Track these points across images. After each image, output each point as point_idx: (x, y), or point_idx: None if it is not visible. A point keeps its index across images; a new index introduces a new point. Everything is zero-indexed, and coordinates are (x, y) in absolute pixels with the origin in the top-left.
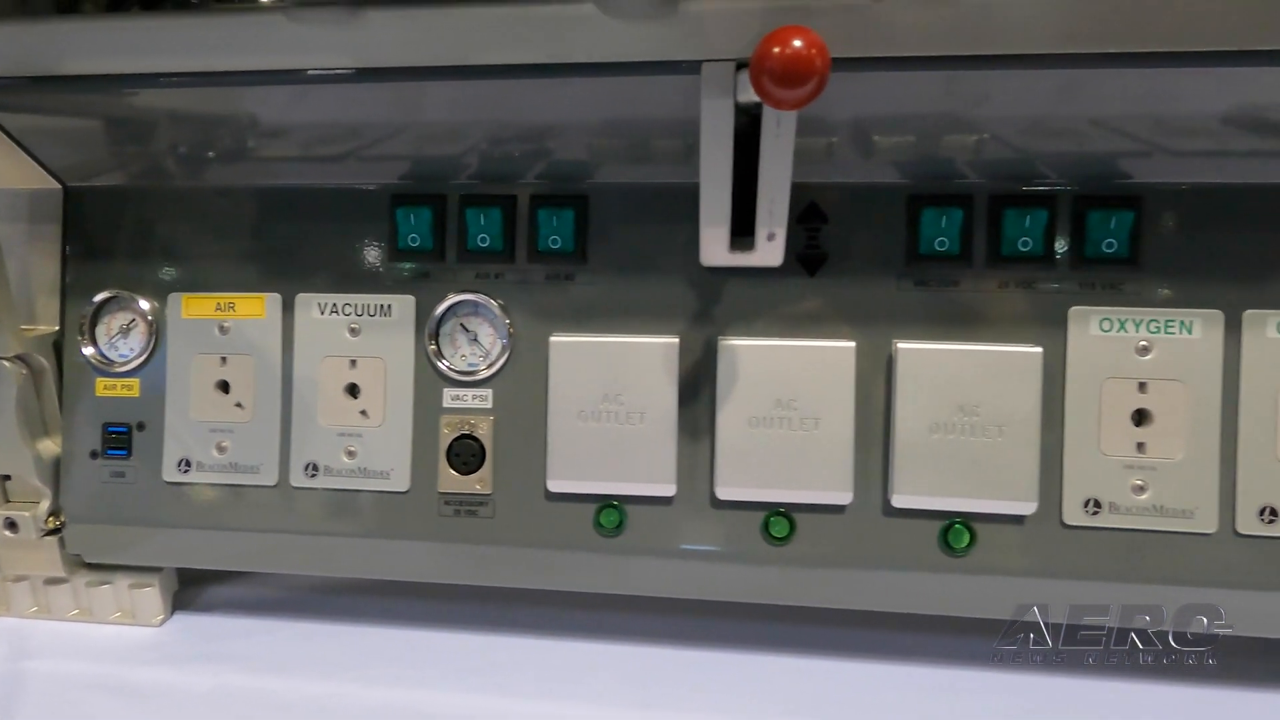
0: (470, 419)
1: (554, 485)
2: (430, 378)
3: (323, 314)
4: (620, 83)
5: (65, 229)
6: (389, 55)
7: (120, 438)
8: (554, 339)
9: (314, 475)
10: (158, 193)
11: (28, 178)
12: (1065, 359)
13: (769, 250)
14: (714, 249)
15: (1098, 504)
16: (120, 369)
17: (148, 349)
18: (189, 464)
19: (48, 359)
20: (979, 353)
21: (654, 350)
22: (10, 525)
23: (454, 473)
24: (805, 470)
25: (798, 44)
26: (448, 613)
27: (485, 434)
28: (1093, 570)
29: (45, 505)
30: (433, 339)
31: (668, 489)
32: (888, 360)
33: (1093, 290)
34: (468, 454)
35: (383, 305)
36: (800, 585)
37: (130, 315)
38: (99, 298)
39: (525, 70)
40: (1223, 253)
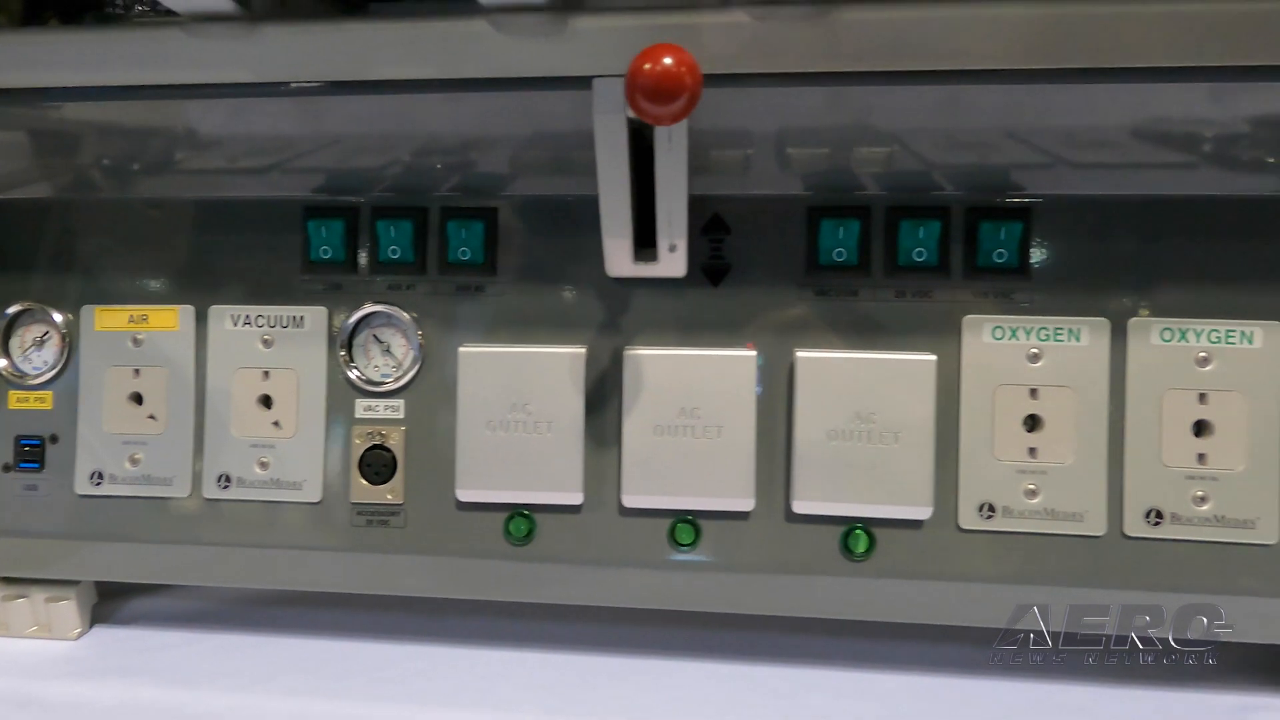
0: (382, 429)
1: (463, 495)
2: (342, 389)
3: (235, 326)
4: (518, 97)
5: None
6: (286, 70)
7: (33, 450)
8: (462, 349)
9: (227, 487)
10: (71, 205)
11: None
12: (960, 367)
13: (672, 261)
14: (618, 260)
15: (993, 508)
16: (33, 381)
17: (61, 361)
18: (101, 476)
19: None
20: (875, 361)
21: (560, 360)
22: None
23: (365, 483)
24: (709, 478)
25: (668, 61)
26: (368, 623)
27: (397, 444)
28: (989, 573)
29: None
30: (345, 350)
31: (575, 497)
32: (789, 369)
33: (985, 299)
34: (379, 464)
35: (295, 317)
36: (706, 591)
37: (44, 328)
38: (12, 310)
39: (421, 85)
40: (1109, 262)
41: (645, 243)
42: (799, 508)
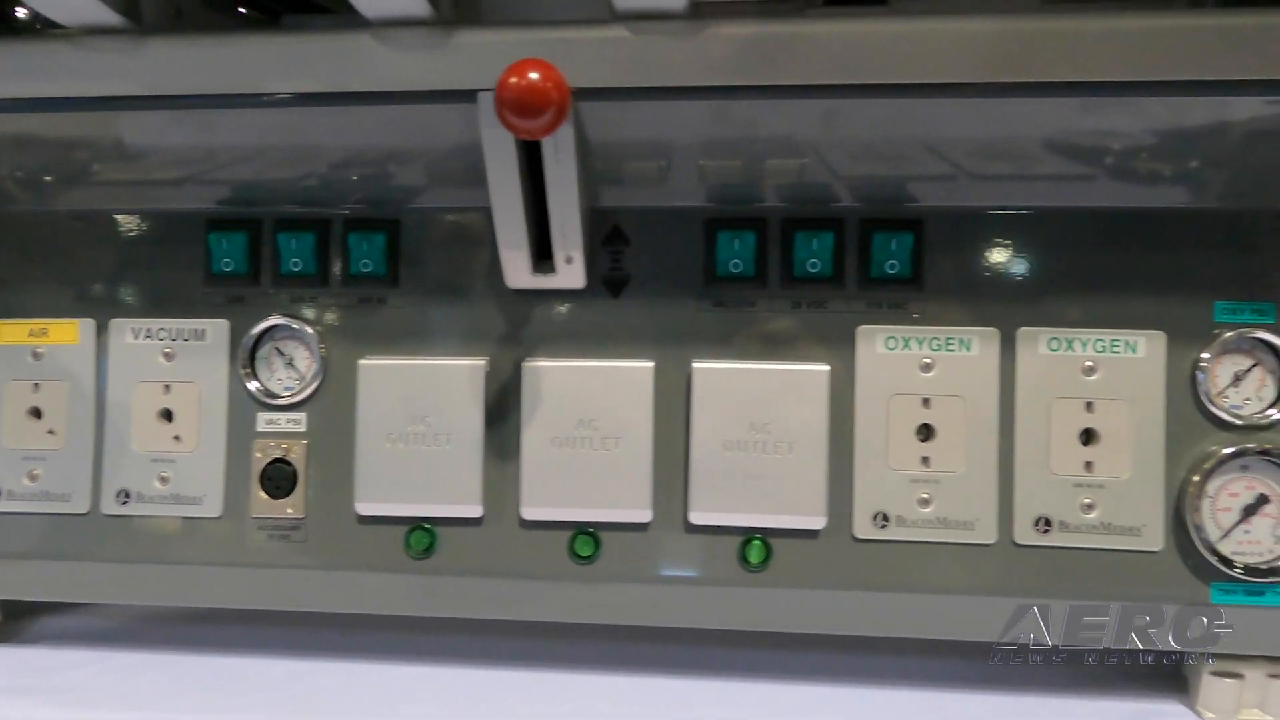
0: (283, 443)
1: (362, 508)
2: (244, 402)
3: (137, 339)
4: (406, 110)
5: None
6: (174, 83)
7: None
8: (362, 362)
9: (126, 502)
10: None
11: None
12: (854, 377)
13: (569, 273)
14: (516, 272)
15: (887, 517)
16: None
17: None
18: None
19: None
20: (768, 372)
21: (460, 372)
22: None
23: (266, 497)
24: (607, 489)
25: (534, 76)
26: (277, 639)
27: (298, 458)
28: (883, 582)
29: None
30: (247, 363)
31: (475, 510)
32: (687, 379)
33: (879, 310)
34: (280, 478)
35: (197, 330)
36: (606, 603)
37: None
38: None
39: (308, 99)
40: (999, 273)
41: (545, 254)
42: (696, 519)
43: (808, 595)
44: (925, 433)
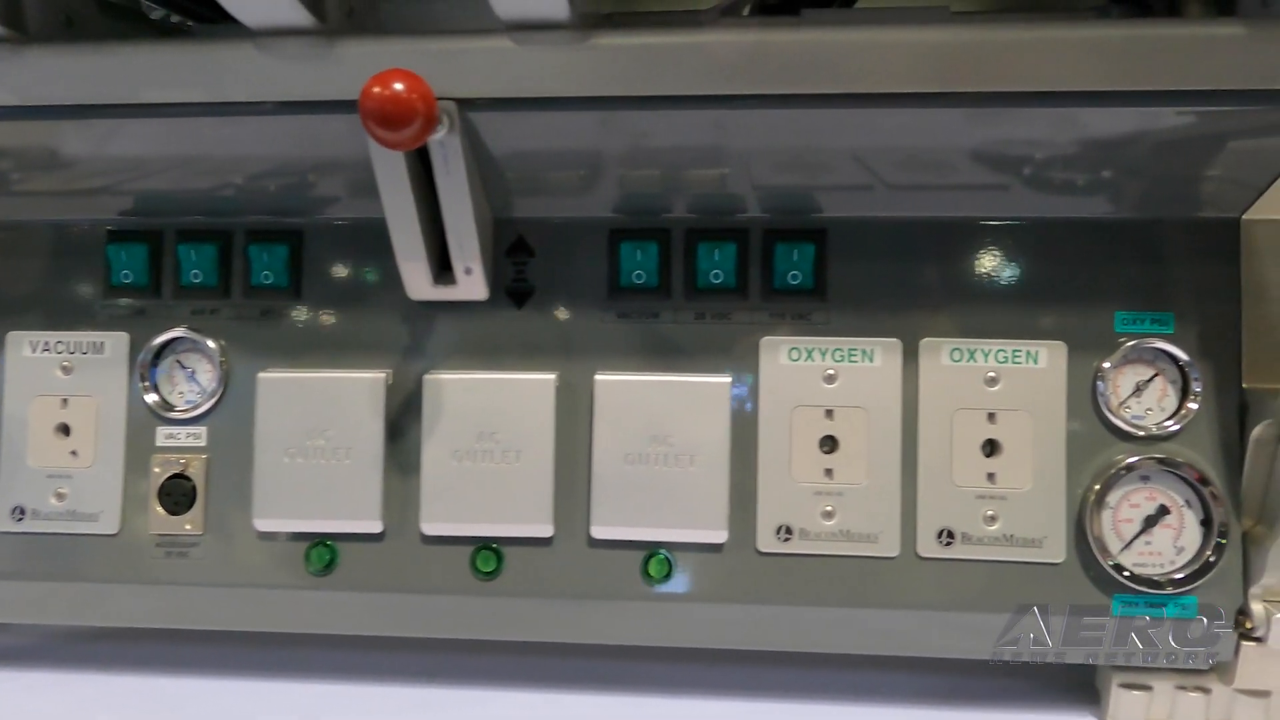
0: (183, 458)
1: (260, 524)
2: (144, 416)
3: (34, 352)
4: (290, 121)
5: None
6: (55, 93)
7: None
8: (261, 375)
9: (21, 519)
10: None
11: None
12: (757, 388)
13: (470, 284)
14: (417, 283)
15: (790, 530)
16: None
17: None
18: None
19: None
20: (669, 384)
21: (360, 385)
22: None
23: (164, 513)
24: (508, 503)
25: (398, 87)
26: (188, 656)
27: (198, 473)
28: (786, 596)
29: None
30: (147, 376)
31: (375, 526)
32: (589, 392)
33: (782, 320)
34: (179, 494)
35: (95, 343)
36: (508, 619)
37: None
38: None
39: (189, 109)
40: (902, 283)
41: (448, 265)
42: (598, 533)
43: (711, 609)
44: (829, 444)
